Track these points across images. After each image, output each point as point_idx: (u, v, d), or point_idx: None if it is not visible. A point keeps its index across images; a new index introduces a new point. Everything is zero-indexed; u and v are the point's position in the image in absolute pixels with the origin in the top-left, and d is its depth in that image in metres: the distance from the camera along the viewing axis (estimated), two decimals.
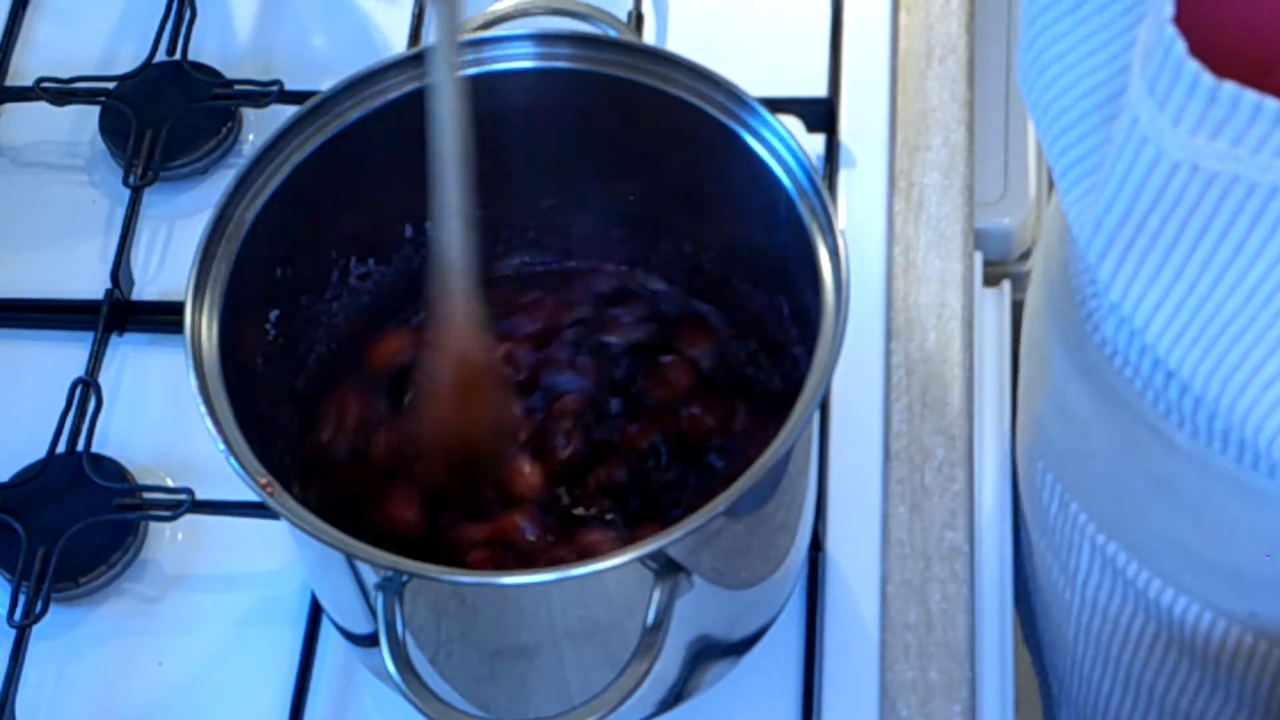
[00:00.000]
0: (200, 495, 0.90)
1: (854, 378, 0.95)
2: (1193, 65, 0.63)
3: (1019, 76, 0.78)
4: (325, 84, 0.82)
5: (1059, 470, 0.92)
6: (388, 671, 0.72)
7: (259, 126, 1.05)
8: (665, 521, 0.83)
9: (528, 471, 0.84)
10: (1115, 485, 0.87)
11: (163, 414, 0.96)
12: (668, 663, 0.77)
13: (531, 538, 0.83)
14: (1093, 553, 0.91)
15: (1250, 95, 0.63)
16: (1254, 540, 0.82)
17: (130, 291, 1.00)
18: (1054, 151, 0.75)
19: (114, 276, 0.98)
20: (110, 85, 1.05)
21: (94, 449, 0.93)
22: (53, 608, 0.89)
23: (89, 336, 0.97)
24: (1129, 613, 0.91)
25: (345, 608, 0.81)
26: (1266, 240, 0.66)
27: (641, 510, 0.85)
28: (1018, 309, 1.10)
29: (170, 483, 0.93)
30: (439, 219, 0.76)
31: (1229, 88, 0.63)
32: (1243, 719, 0.91)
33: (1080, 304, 0.83)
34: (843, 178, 1.01)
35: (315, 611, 0.89)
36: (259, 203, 0.80)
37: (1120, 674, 0.95)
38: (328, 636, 0.89)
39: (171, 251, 1.01)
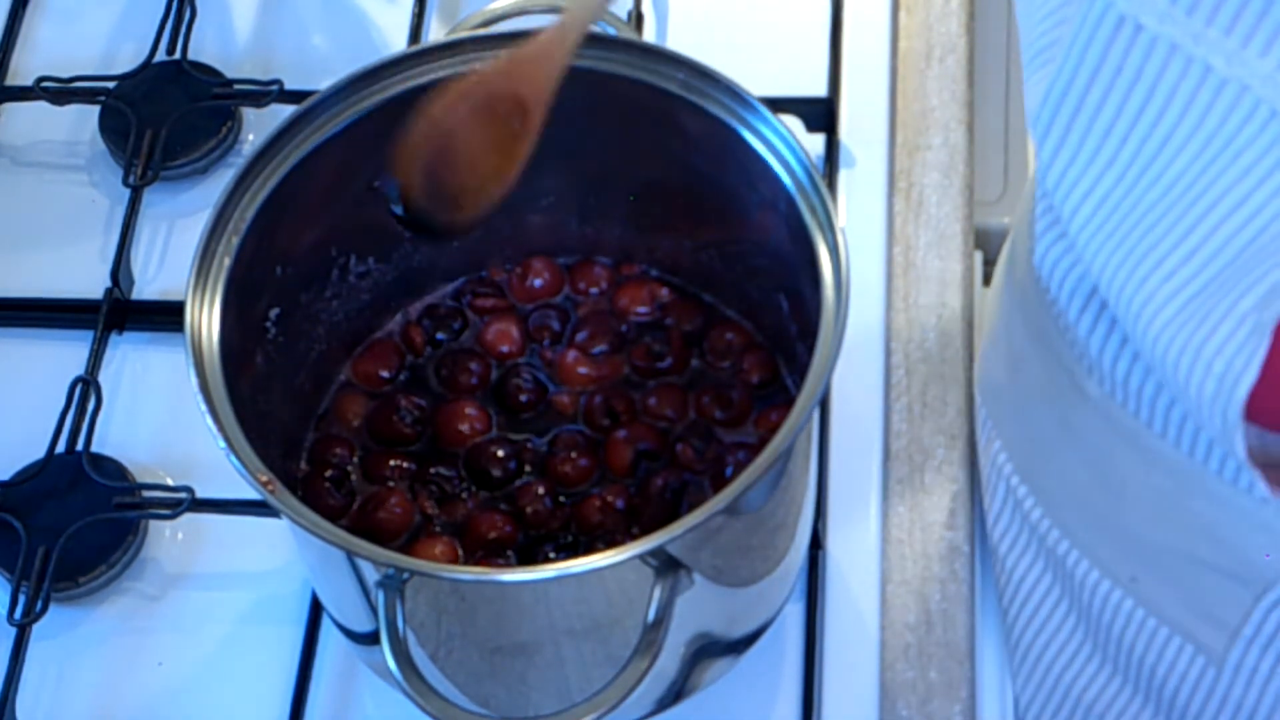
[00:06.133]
0: (200, 494, 0.90)
1: (854, 378, 0.95)
2: None
3: None
4: (325, 84, 0.82)
5: (991, 406, 0.93)
6: (389, 669, 0.72)
7: (259, 126, 1.05)
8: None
9: None
10: (1033, 426, 0.88)
11: (162, 413, 0.96)
12: (668, 660, 0.77)
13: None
14: (1006, 494, 0.92)
15: None
16: (1142, 501, 0.83)
17: (130, 291, 1.00)
18: (1028, 37, 0.76)
19: (114, 276, 0.98)
20: (110, 85, 1.05)
21: (94, 448, 0.93)
22: (53, 607, 0.89)
23: (89, 336, 0.97)
24: (1028, 562, 0.92)
25: (346, 605, 0.81)
26: (1192, 132, 0.67)
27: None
28: None
29: (170, 481, 0.93)
30: None
31: None
32: (1116, 684, 0.92)
33: (1031, 237, 0.84)
34: (843, 177, 1.01)
35: (315, 610, 0.89)
36: (259, 202, 0.80)
37: (1008, 624, 0.96)
38: (328, 635, 0.89)
39: (171, 251, 1.01)
